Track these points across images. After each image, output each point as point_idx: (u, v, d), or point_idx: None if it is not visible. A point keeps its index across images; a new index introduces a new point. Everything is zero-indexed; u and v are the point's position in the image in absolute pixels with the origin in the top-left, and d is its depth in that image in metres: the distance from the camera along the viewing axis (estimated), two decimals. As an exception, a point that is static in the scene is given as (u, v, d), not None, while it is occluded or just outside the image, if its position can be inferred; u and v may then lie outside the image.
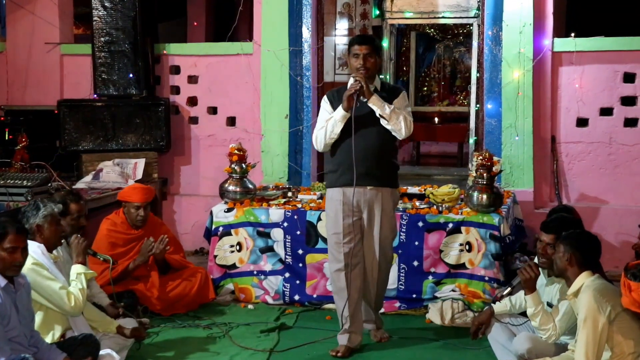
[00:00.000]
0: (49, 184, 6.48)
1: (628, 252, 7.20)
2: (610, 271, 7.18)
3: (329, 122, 5.17)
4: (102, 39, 7.99)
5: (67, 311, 4.48)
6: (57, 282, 4.46)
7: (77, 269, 4.68)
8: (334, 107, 5.20)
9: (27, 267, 4.26)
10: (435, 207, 6.29)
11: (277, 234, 6.42)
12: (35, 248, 4.52)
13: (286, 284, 6.40)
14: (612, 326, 4.01)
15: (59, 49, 8.63)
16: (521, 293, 4.96)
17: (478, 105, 8.02)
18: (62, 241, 4.88)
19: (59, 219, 4.72)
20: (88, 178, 7.46)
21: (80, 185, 7.27)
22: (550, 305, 4.74)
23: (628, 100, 7.52)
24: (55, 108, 7.98)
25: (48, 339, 4.40)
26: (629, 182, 7.52)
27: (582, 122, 7.62)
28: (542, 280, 4.85)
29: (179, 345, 5.37)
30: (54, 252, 4.73)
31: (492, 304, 5.08)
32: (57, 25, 8.61)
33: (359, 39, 5.28)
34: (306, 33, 8.01)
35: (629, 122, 7.52)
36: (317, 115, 8.03)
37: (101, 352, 4.46)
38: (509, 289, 4.90)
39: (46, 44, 8.59)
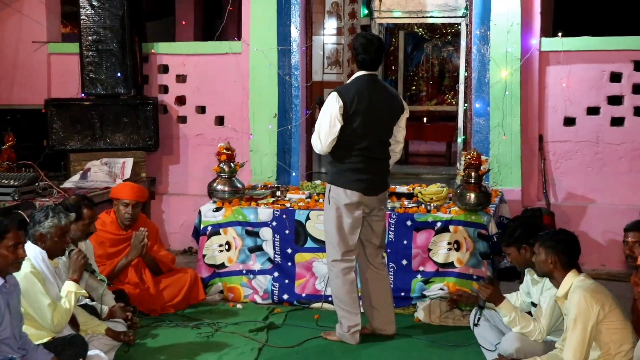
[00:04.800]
0: (36, 184, 6.46)
1: (614, 250, 7.27)
2: (597, 269, 7.26)
3: None
4: (90, 37, 7.96)
5: (48, 327, 4.42)
6: (47, 297, 4.40)
7: (68, 286, 4.59)
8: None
9: (22, 273, 4.25)
10: (423, 206, 6.30)
11: (266, 233, 6.42)
12: (36, 253, 4.50)
13: (275, 283, 6.40)
14: (600, 326, 4.04)
15: (47, 48, 8.59)
16: (514, 296, 5.03)
17: (466, 105, 8.06)
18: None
19: (67, 231, 4.65)
20: (76, 177, 7.43)
21: (67, 184, 7.24)
22: (535, 305, 4.79)
23: (614, 100, 7.57)
24: (43, 107, 7.95)
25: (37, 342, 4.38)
26: (615, 181, 7.57)
27: (569, 121, 7.66)
28: (527, 282, 4.91)
29: (167, 345, 5.36)
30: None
31: (474, 328, 5.06)
32: (45, 24, 8.58)
33: None
34: (295, 32, 8.01)
35: (616, 122, 7.56)
36: (305, 114, 8.10)
37: (89, 353, 4.45)
38: (480, 309, 4.93)
39: (33, 43, 8.55)
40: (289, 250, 6.38)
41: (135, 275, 5.99)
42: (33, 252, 4.50)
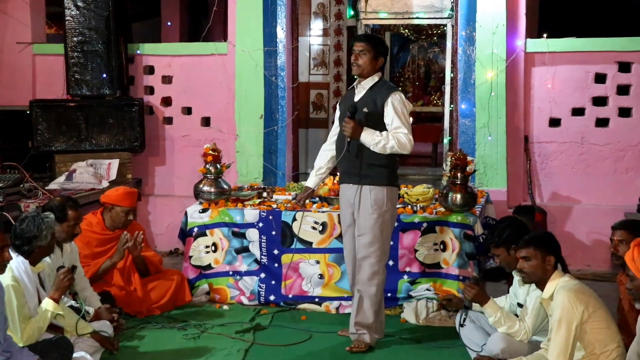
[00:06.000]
0: (21, 185, 6.43)
1: (600, 250, 7.31)
2: (583, 269, 7.30)
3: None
4: (75, 38, 7.93)
5: (17, 341, 4.32)
6: (21, 314, 4.35)
7: (47, 304, 4.53)
8: None
9: (4, 285, 4.22)
10: (409, 206, 6.31)
11: (253, 234, 6.41)
12: (19, 263, 4.44)
13: (261, 285, 6.39)
14: (584, 326, 4.05)
15: (31, 49, 8.56)
16: (504, 299, 5.04)
17: (452, 106, 8.08)
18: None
19: (56, 228, 4.68)
20: (61, 179, 7.40)
21: (53, 186, 7.21)
22: (521, 306, 4.81)
23: (599, 101, 7.62)
24: (28, 108, 7.90)
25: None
26: (600, 181, 7.61)
27: (554, 122, 7.70)
28: (515, 283, 4.92)
29: (154, 347, 5.34)
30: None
31: (460, 329, 5.06)
32: (29, 25, 8.55)
33: (357, 37, 5.41)
34: (281, 33, 8.01)
35: (600, 122, 7.61)
36: (292, 115, 8.11)
37: (75, 355, 4.43)
38: (466, 310, 4.94)
39: (18, 44, 8.51)
40: (276, 252, 6.37)
41: (121, 278, 5.97)
42: (15, 262, 4.44)
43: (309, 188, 5.65)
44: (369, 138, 5.09)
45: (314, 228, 6.26)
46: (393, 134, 5.08)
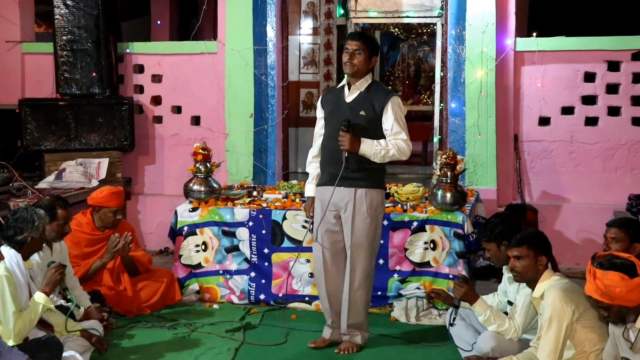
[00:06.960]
0: (11, 184, 6.40)
1: (589, 249, 7.30)
2: (572, 268, 7.32)
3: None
4: (64, 37, 7.90)
5: (7, 334, 4.33)
6: (13, 305, 4.33)
7: (38, 297, 4.52)
8: None
9: None
10: (399, 205, 6.32)
11: (243, 233, 6.41)
12: (11, 256, 4.44)
13: (252, 283, 6.39)
14: (575, 325, 4.07)
15: (20, 48, 8.52)
16: (492, 297, 5.05)
17: (442, 104, 8.10)
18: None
19: (46, 226, 4.68)
20: (51, 178, 7.37)
21: (42, 185, 7.18)
22: (511, 303, 4.82)
23: (588, 100, 7.64)
24: (17, 107, 7.87)
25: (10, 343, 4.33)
26: (589, 180, 7.64)
27: (544, 121, 7.72)
28: (505, 280, 4.93)
29: (144, 346, 5.33)
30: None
31: (450, 328, 5.06)
32: (18, 24, 8.51)
33: (351, 35, 5.29)
34: (271, 32, 8.01)
35: (590, 121, 7.64)
36: (282, 114, 8.09)
37: (65, 354, 4.42)
38: (455, 309, 4.94)
39: (7, 42, 8.47)
40: (266, 250, 6.37)
41: (110, 278, 5.95)
42: (8, 255, 4.45)
43: (312, 197, 5.44)
44: (369, 150, 5.03)
45: (304, 227, 6.26)
46: (393, 141, 5.05)
